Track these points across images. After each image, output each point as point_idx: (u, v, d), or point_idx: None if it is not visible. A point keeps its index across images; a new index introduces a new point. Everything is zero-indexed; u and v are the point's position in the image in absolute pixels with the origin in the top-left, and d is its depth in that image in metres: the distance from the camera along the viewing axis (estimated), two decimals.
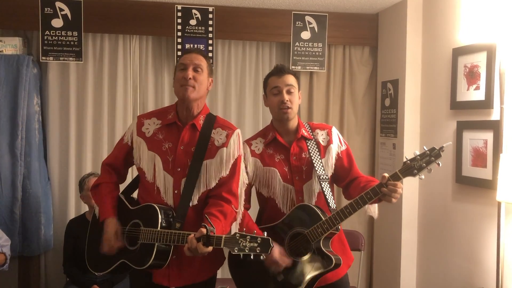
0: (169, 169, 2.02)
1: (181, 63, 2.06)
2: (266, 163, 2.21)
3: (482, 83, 2.66)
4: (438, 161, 1.93)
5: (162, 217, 1.94)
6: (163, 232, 1.90)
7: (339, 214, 2.01)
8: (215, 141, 2.05)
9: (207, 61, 2.10)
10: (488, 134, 2.59)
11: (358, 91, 3.80)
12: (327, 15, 3.63)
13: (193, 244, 1.80)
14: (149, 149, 2.05)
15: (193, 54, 2.08)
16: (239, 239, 1.74)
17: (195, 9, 3.46)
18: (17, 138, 3.15)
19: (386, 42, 3.61)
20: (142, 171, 2.06)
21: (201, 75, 2.04)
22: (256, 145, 2.25)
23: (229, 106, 3.69)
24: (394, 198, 1.96)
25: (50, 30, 3.30)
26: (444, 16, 3.03)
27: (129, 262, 1.99)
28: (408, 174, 1.95)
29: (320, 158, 2.19)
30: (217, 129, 2.08)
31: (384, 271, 3.60)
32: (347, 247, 2.29)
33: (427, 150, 1.94)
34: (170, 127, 2.08)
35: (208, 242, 1.79)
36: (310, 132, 2.25)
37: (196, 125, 2.06)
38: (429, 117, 3.19)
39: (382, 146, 3.65)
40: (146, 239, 1.94)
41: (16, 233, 3.16)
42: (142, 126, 2.10)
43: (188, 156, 2.02)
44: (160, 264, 1.95)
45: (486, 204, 2.61)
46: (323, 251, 2.05)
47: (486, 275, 2.62)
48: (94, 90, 3.49)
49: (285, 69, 2.21)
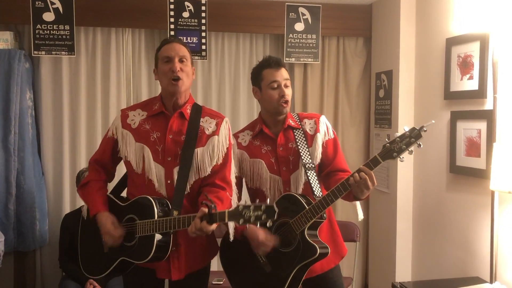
0: (159, 159, 1.99)
1: (165, 55, 2.01)
2: (252, 154, 2.20)
3: (475, 72, 2.66)
4: (418, 141, 1.86)
5: (158, 207, 1.92)
6: (161, 220, 1.88)
7: (321, 202, 1.99)
8: (205, 129, 2.04)
9: (188, 51, 2.07)
10: (481, 124, 2.60)
11: (352, 83, 3.80)
12: (320, 6, 3.61)
13: (197, 224, 1.78)
14: (136, 141, 2.01)
15: (175, 44, 2.03)
16: (242, 210, 1.71)
17: (188, 1, 3.43)
18: (10, 133, 3.13)
19: (380, 33, 3.61)
20: (130, 164, 2.02)
21: (186, 66, 2.01)
22: (243, 138, 2.25)
23: (223, 99, 3.68)
24: (364, 188, 1.91)
25: (42, 24, 3.27)
26: (437, 6, 3.02)
27: (130, 258, 1.96)
28: (388, 157, 1.90)
29: (307, 148, 2.17)
30: (206, 117, 2.07)
31: (379, 261, 3.62)
32: (339, 237, 2.26)
33: (407, 131, 1.88)
34: (156, 117, 2.05)
35: (211, 219, 1.78)
36: (298, 121, 2.24)
37: (184, 113, 2.04)
38: (423, 107, 3.20)
39: (376, 137, 3.66)
40: (144, 232, 1.92)
41: (10, 228, 3.16)
42: (127, 118, 2.06)
43: (178, 145, 2.00)
44: (161, 256, 1.93)
45: (480, 194, 2.62)
46: (308, 240, 2.03)
47: (480, 264, 2.64)
48: (87, 84, 3.47)
49: (281, 62, 2.20)
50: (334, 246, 2.16)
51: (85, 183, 2.10)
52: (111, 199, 2.10)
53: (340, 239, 2.27)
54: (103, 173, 2.13)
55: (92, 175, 2.11)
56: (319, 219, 2.04)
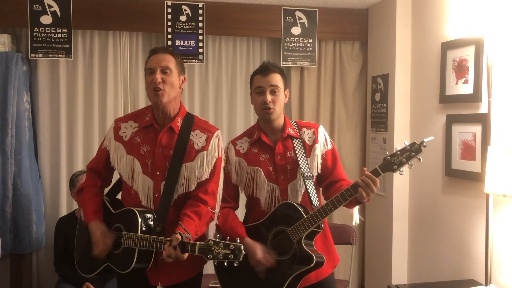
0: (148, 172, 2.01)
1: (148, 67, 2.00)
2: (250, 162, 2.18)
3: (470, 76, 2.68)
4: (418, 156, 1.90)
5: (142, 221, 1.94)
6: (143, 237, 1.92)
7: (320, 212, 1.99)
8: (195, 144, 2.04)
9: (175, 59, 2.03)
10: (476, 127, 2.62)
11: (348, 86, 3.82)
12: (317, 11, 3.64)
13: (171, 252, 1.83)
14: (128, 153, 2.04)
15: (159, 54, 2.01)
16: (212, 246, 1.77)
17: (185, 5, 3.45)
18: (7, 136, 3.13)
19: (376, 37, 3.63)
20: (121, 175, 2.07)
21: (170, 77, 1.98)
22: (241, 145, 2.23)
23: (220, 102, 3.69)
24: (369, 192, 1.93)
25: (39, 27, 3.28)
26: (433, 10, 3.05)
27: (113, 266, 2.01)
28: (388, 169, 1.93)
29: (305, 157, 2.15)
30: (196, 131, 2.06)
31: (375, 264, 3.64)
32: (333, 247, 2.25)
33: (408, 145, 1.92)
34: (147, 129, 2.06)
35: (183, 249, 1.82)
36: (297, 130, 2.21)
37: (173, 127, 2.04)
38: (419, 111, 3.22)
39: (373, 140, 3.68)
40: (127, 244, 1.95)
41: (7, 231, 3.15)
42: (119, 130, 2.08)
43: (166, 159, 2.01)
44: (144, 266, 1.97)
45: (475, 197, 2.64)
46: (304, 249, 2.02)
47: (475, 266, 2.65)
48: (84, 87, 3.47)
49: (270, 67, 2.13)
50: (328, 255, 2.14)
51: (81, 189, 2.15)
52: (105, 205, 2.13)
53: (333, 248, 2.25)
54: (99, 179, 2.15)
55: (87, 181, 2.14)
56: (317, 228, 2.04)
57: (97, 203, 2.09)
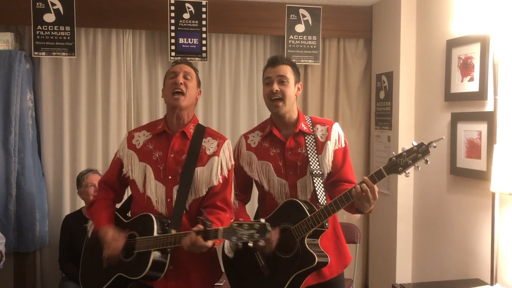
0: (160, 177, 2.03)
1: (171, 71, 2.08)
2: (260, 156, 2.17)
3: (476, 74, 2.66)
4: (426, 157, 1.82)
5: (158, 224, 1.94)
6: (159, 237, 1.90)
7: (323, 211, 1.96)
8: (207, 149, 2.07)
9: (195, 72, 2.13)
10: (482, 126, 2.60)
11: (352, 84, 3.80)
12: (321, 8, 3.62)
13: (192, 237, 1.81)
14: (140, 160, 2.06)
15: (183, 64, 2.11)
16: (236, 229, 1.73)
17: (189, 3, 3.44)
18: (10, 134, 3.14)
19: (380, 34, 3.61)
20: (134, 182, 2.06)
21: (191, 82, 2.06)
22: (252, 139, 2.21)
23: (223, 100, 3.68)
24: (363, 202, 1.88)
25: (42, 25, 3.28)
26: (438, 7, 3.03)
27: (126, 274, 1.97)
28: (393, 171, 1.86)
29: (316, 154, 2.11)
30: (208, 138, 2.09)
31: (380, 263, 3.62)
32: (344, 246, 2.20)
33: (415, 146, 1.84)
34: (159, 136, 2.09)
35: (206, 235, 1.80)
36: (311, 126, 2.17)
37: (186, 133, 2.07)
38: (424, 109, 3.20)
39: (377, 138, 3.66)
40: (142, 248, 1.94)
41: (11, 229, 3.16)
42: (133, 139, 2.12)
43: (179, 164, 2.03)
44: (157, 275, 1.94)
45: (481, 195, 2.62)
46: (307, 249, 1.99)
47: (480, 265, 2.63)
48: (88, 85, 3.47)
49: (279, 59, 2.13)
50: (338, 255, 2.12)
51: (92, 202, 2.15)
52: (117, 216, 2.13)
53: (345, 247, 2.20)
54: (111, 193, 2.16)
55: (100, 194, 2.16)
56: (321, 227, 2.01)
57: (108, 214, 2.09)
